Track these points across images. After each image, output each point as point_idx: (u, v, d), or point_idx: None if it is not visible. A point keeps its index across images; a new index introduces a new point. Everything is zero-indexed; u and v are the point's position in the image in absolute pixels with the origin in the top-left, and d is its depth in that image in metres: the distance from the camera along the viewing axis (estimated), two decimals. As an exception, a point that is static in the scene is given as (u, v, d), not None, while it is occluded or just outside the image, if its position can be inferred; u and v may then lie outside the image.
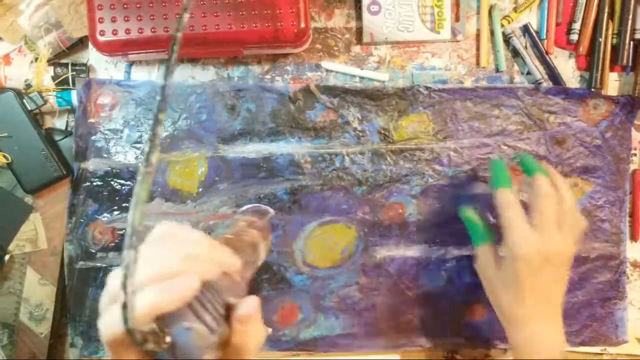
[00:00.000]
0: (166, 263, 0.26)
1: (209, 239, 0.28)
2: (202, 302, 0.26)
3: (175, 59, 0.27)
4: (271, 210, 0.44)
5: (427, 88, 0.53)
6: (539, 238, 0.43)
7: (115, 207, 0.53)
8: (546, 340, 0.43)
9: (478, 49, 0.54)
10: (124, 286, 0.22)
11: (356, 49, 0.54)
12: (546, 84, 0.54)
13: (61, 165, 0.52)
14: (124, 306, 0.22)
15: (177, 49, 0.27)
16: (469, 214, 0.49)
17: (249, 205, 0.45)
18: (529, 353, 0.43)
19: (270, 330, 0.53)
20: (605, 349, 0.56)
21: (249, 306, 0.27)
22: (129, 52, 0.50)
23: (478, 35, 0.54)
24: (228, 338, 0.27)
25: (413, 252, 0.54)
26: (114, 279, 0.26)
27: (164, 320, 0.25)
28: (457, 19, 0.54)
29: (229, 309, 0.27)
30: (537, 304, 0.43)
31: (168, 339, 0.24)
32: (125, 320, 0.22)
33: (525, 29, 0.54)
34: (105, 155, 0.53)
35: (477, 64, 0.54)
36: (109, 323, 0.25)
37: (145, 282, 0.25)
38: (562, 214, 0.44)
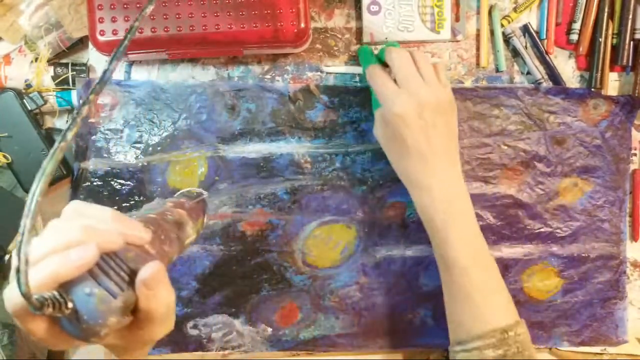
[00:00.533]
0: (66, 234, 0.28)
1: (117, 213, 0.30)
2: (104, 269, 0.27)
3: (126, 45, 0.30)
4: (204, 193, 0.46)
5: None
6: (407, 94, 0.44)
7: (115, 207, 0.53)
8: (444, 193, 0.44)
9: (478, 49, 0.54)
10: (18, 253, 0.23)
11: (356, 48, 0.54)
12: (546, 84, 0.54)
13: (61, 165, 0.52)
14: (17, 271, 0.23)
15: (131, 36, 0.29)
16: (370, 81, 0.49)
17: (183, 190, 0.46)
18: (428, 206, 0.45)
19: (270, 330, 0.54)
20: (605, 349, 0.56)
21: (152, 269, 0.28)
22: (129, 52, 0.50)
23: (478, 35, 0.54)
24: (135, 303, 0.28)
25: (413, 252, 0.54)
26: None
27: (66, 288, 0.26)
28: (457, 19, 0.54)
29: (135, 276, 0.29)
30: (424, 157, 0.44)
31: (70, 304, 0.26)
32: (20, 285, 0.23)
33: (525, 29, 0.54)
34: (105, 155, 0.53)
35: (477, 64, 0.54)
36: (10, 293, 0.27)
37: (47, 251, 0.27)
38: (422, 69, 0.46)
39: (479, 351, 0.42)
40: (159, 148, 0.53)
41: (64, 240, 0.27)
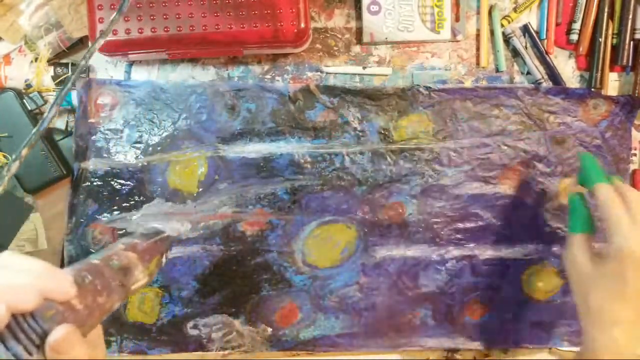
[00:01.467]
0: None
1: (45, 267, 0.28)
2: (14, 331, 0.26)
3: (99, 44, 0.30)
4: (167, 231, 0.45)
5: (427, 88, 0.53)
6: None
7: (115, 207, 0.53)
8: (628, 345, 0.41)
9: (478, 49, 0.54)
10: None
11: (356, 49, 0.54)
12: (546, 84, 0.54)
13: (61, 165, 0.52)
14: None
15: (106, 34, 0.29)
16: (577, 197, 0.46)
17: (147, 226, 0.45)
18: (609, 355, 0.41)
19: (270, 330, 0.54)
20: (605, 349, 0.56)
21: (60, 333, 0.26)
22: (129, 52, 0.50)
23: (478, 35, 0.54)
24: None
25: (413, 252, 0.54)
26: None
27: None
28: (457, 19, 0.54)
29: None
30: (637, 312, 0.41)
31: None
32: None
33: (525, 29, 0.54)
34: (105, 155, 0.53)
35: (477, 64, 0.54)
36: None
37: None
38: None
39: None
40: (159, 148, 0.53)
41: None
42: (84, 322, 0.29)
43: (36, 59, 0.52)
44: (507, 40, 0.54)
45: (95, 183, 0.53)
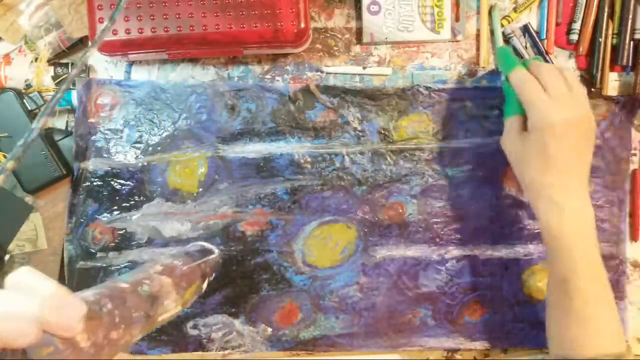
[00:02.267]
0: None
1: (57, 293, 0.24)
2: None
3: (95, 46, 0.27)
4: (216, 251, 0.41)
5: (427, 88, 0.53)
6: (559, 106, 0.43)
7: (115, 207, 0.53)
8: (575, 214, 0.43)
9: (478, 49, 0.54)
10: None
11: (356, 49, 0.54)
12: (546, 84, 0.54)
13: (61, 165, 0.52)
14: None
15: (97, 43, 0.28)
16: (507, 84, 0.48)
17: (195, 244, 0.41)
18: (557, 225, 0.43)
19: (270, 330, 0.54)
20: (605, 349, 0.56)
21: None
22: (129, 52, 0.50)
23: (478, 35, 0.54)
24: None
25: (413, 252, 0.54)
26: None
27: None
28: (457, 19, 0.54)
29: None
30: (562, 174, 0.44)
31: None
32: None
33: (525, 29, 0.54)
34: (105, 155, 0.53)
35: (477, 63, 0.54)
36: None
37: None
38: (571, 84, 0.45)
39: None
40: (159, 148, 0.53)
41: None
42: None
43: (36, 59, 0.52)
44: (507, 40, 0.54)
45: (95, 183, 0.53)
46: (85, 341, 0.26)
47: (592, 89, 0.54)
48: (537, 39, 0.54)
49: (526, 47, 0.54)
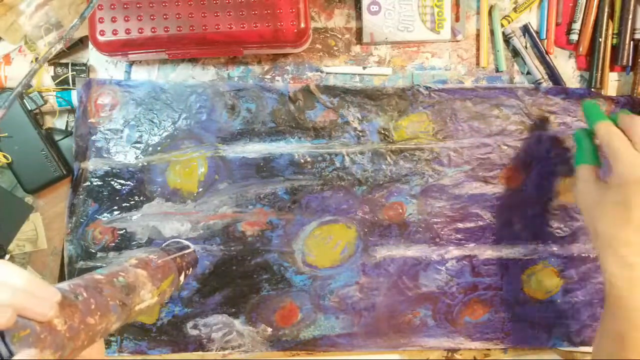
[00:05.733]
0: None
1: (30, 280, 0.26)
2: None
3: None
4: (191, 246, 0.42)
5: (427, 88, 0.53)
6: None
7: (115, 207, 0.53)
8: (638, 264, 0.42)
9: (478, 49, 0.54)
10: None
11: (356, 49, 0.54)
12: (546, 84, 0.54)
13: (61, 165, 0.52)
14: None
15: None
16: (582, 131, 0.48)
17: (172, 240, 0.43)
18: (625, 284, 0.42)
19: (270, 330, 0.54)
20: (605, 349, 0.56)
21: None
22: (129, 52, 0.50)
23: (478, 36, 0.54)
24: None
25: (413, 252, 0.54)
26: None
27: None
28: (457, 19, 0.54)
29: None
30: None
31: None
32: None
33: (525, 29, 0.54)
34: (105, 155, 0.53)
35: (477, 63, 0.54)
36: None
37: None
38: None
39: None
40: (159, 148, 0.53)
41: None
42: (64, 346, 0.27)
43: (36, 59, 0.52)
44: (507, 40, 0.54)
45: (95, 183, 0.53)
46: (61, 325, 0.27)
47: (592, 89, 0.54)
48: (537, 39, 0.54)
49: (526, 47, 0.54)
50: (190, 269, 0.43)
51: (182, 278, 0.41)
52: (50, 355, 0.26)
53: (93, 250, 0.53)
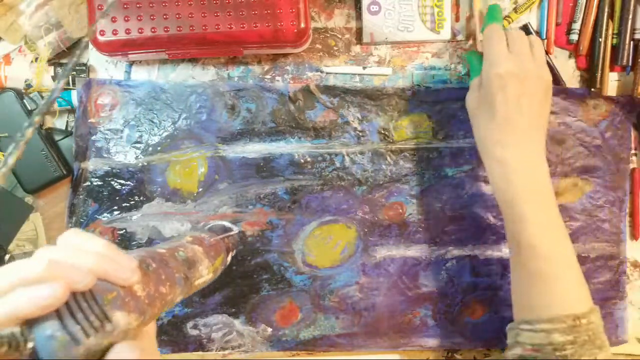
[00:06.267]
0: (30, 268, 0.24)
1: (108, 246, 0.27)
2: (73, 310, 0.24)
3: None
4: (235, 229, 0.44)
5: (427, 88, 0.53)
6: (514, 59, 0.43)
7: (116, 207, 0.53)
8: (523, 172, 0.43)
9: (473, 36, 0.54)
10: None
11: (356, 48, 0.54)
12: (546, 84, 0.54)
13: (61, 165, 0.52)
14: None
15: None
16: (472, 52, 0.49)
17: (215, 222, 0.44)
18: (503, 184, 0.43)
19: (270, 330, 0.54)
20: (605, 349, 0.56)
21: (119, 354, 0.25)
22: (129, 52, 0.50)
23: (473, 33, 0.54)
24: (101, 352, 0.25)
25: (413, 252, 0.54)
26: None
27: (29, 324, 0.24)
28: (457, 18, 0.54)
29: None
30: (506, 128, 0.43)
31: (30, 344, 0.23)
32: None
33: (526, 29, 0.54)
34: (105, 155, 0.53)
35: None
36: None
37: (12, 283, 0.24)
38: (535, 50, 0.45)
39: (546, 333, 0.40)
40: (159, 148, 0.53)
41: (28, 274, 0.24)
42: (144, 311, 0.28)
43: (36, 59, 0.52)
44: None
45: (95, 183, 0.53)
46: (141, 291, 0.28)
47: (592, 89, 0.54)
48: (537, 39, 0.54)
49: (526, 47, 0.54)
50: (234, 250, 0.44)
51: (228, 258, 0.42)
52: (135, 320, 0.27)
53: (93, 250, 0.53)
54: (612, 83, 0.55)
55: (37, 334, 0.23)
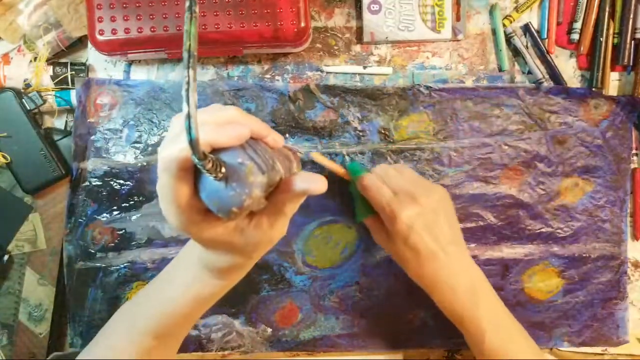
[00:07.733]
0: (225, 111, 0.30)
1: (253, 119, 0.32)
2: (255, 148, 0.29)
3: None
4: (300, 151, 0.50)
5: (427, 87, 0.53)
6: (401, 203, 0.44)
7: (115, 207, 0.52)
8: (458, 279, 0.45)
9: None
10: (187, 99, 0.25)
11: (356, 48, 0.54)
12: (547, 83, 0.54)
13: (60, 165, 0.51)
14: (188, 117, 0.24)
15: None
16: (354, 187, 0.49)
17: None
18: (448, 299, 0.46)
19: (270, 330, 0.53)
20: (606, 349, 0.56)
21: (307, 180, 0.32)
22: (128, 52, 0.49)
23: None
24: (274, 186, 0.31)
25: (413, 252, 0.54)
26: (177, 118, 0.31)
27: (220, 156, 0.28)
28: (457, 18, 0.53)
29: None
30: (429, 259, 0.45)
31: (223, 169, 0.27)
32: (189, 131, 0.24)
33: (526, 29, 0.54)
34: (105, 155, 0.52)
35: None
36: (171, 145, 0.28)
37: (206, 120, 0.29)
38: (405, 173, 0.47)
39: None
40: (158, 148, 0.52)
41: (223, 115, 0.30)
42: (286, 169, 0.33)
43: (35, 59, 0.52)
44: (508, 39, 0.54)
45: (94, 183, 0.52)
46: (288, 153, 0.35)
47: (593, 89, 0.53)
48: (538, 38, 0.53)
49: (527, 47, 0.54)
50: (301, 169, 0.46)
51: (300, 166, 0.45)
52: (281, 175, 0.32)
53: (92, 251, 0.53)
54: (613, 83, 0.54)
55: (228, 161, 0.28)
